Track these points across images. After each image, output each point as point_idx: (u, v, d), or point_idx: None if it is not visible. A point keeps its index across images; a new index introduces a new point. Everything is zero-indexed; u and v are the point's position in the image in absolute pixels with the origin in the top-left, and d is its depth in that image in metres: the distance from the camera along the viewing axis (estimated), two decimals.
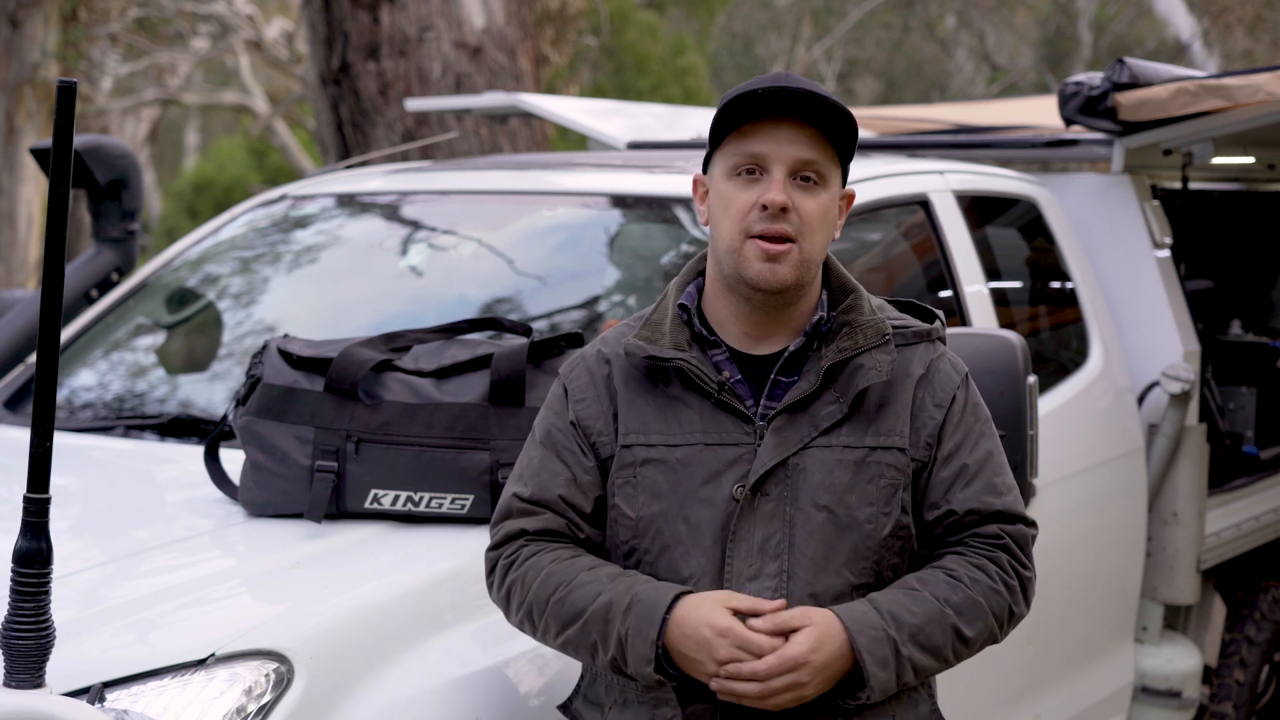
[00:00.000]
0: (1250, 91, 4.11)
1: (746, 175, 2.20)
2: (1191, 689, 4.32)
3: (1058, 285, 4.32)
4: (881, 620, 2.13)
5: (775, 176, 2.18)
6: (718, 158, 2.24)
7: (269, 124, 20.34)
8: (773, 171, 2.18)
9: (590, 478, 2.27)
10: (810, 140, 2.19)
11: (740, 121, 2.19)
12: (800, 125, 2.18)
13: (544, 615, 2.21)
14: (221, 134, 28.93)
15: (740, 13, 27.48)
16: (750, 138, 2.19)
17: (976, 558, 2.24)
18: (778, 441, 2.20)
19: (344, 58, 8.01)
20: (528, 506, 2.28)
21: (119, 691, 2.20)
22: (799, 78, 2.21)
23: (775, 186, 2.17)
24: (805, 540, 2.19)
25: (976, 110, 6.42)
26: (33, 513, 2.04)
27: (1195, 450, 4.28)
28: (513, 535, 2.28)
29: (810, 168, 2.19)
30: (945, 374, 2.29)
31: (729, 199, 2.21)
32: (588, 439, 2.28)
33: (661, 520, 2.22)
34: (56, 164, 2.00)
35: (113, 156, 4.30)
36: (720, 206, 2.22)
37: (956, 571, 2.21)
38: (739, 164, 2.20)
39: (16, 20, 12.35)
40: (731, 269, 2.21)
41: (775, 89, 2.16)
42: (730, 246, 2.20)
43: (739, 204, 2.19)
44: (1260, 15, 22.24)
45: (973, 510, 2.25)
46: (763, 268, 2.18)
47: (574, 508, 2.27)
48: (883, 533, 2.21)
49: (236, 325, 3.88)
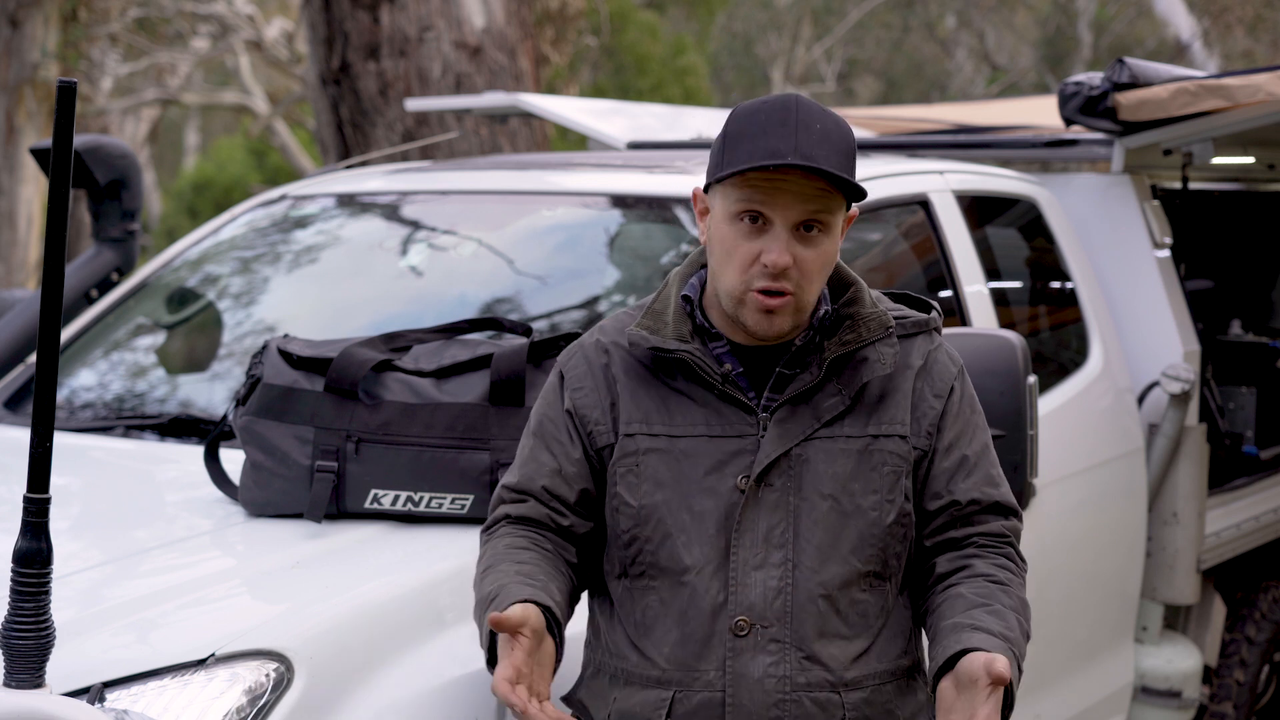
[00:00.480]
0: (1250, 91, 4.11)
1: (750, 223, 2.18)
2: (1191, 689, 4.32)
3: (1058, 285, 4.32)
4: (1004, 643, 2.14)
5: (778, 234, 2.16)
6: (719, 191, 2.21)
7: (269, 124, 20.35)
8: (775, 227, 2.16)
9: (576, 469, 2.29)
10: (817, 192, 2.16)
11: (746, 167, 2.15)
12: (808, 176, 2.15)
13: (475, 581, 2.27)
14: (221, 134, 28.93)
15: (740, 13, 27.48)
16: (755, 188, 2.16)
17: (996, 557, 2.28)
18: (781, 433, 2.21)
19: (344, 58, 8.02)
20: (513, 495, 2.33)
21: (119, 691, 2.20)
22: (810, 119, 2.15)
23: (778, 248, 2.15)
24: (810, 529, 2.21)
25: (976, 110, 6.42)
26: (33, 513, 2.03)
27: (1195, 450, 4.28)
28: (498, 520, 2.34)
29: (813, 219, 2.17)
30: (943, 365, 2.32)
31: (731, 246, 2.19)
32: (583, 427, 2.29)
33: (664, 509, 2.23)
34: (56, 164, 2.00)
35: (113, 156, 4.30)
36: (721, 249, 2.21)
37: (997, 576, 2.25)
38: (743, 211, 2.18)
39: (16, 20, 12.35)
40: (732, 310, 2.23)
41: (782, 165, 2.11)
42: (730, 292, 2.21)
43: (742, 255, 2.18)
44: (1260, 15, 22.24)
45: (974, 500, 2.29)
46: (760, 318, 2.20)
47: (557, 498, 2.30)
48: (887, 520, 2.23)
49: (236, 325, 3.88)
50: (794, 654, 2.19)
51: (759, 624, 2.19)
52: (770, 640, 2.19)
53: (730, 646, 2.20)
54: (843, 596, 2.21)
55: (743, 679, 2.19)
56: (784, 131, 2.13)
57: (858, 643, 2.23)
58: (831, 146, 2.14)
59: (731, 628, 2.19)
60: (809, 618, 2.20)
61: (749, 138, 2.15)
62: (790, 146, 2.12)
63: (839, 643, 2.21)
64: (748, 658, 2.19)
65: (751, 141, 2.14)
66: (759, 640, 2.19)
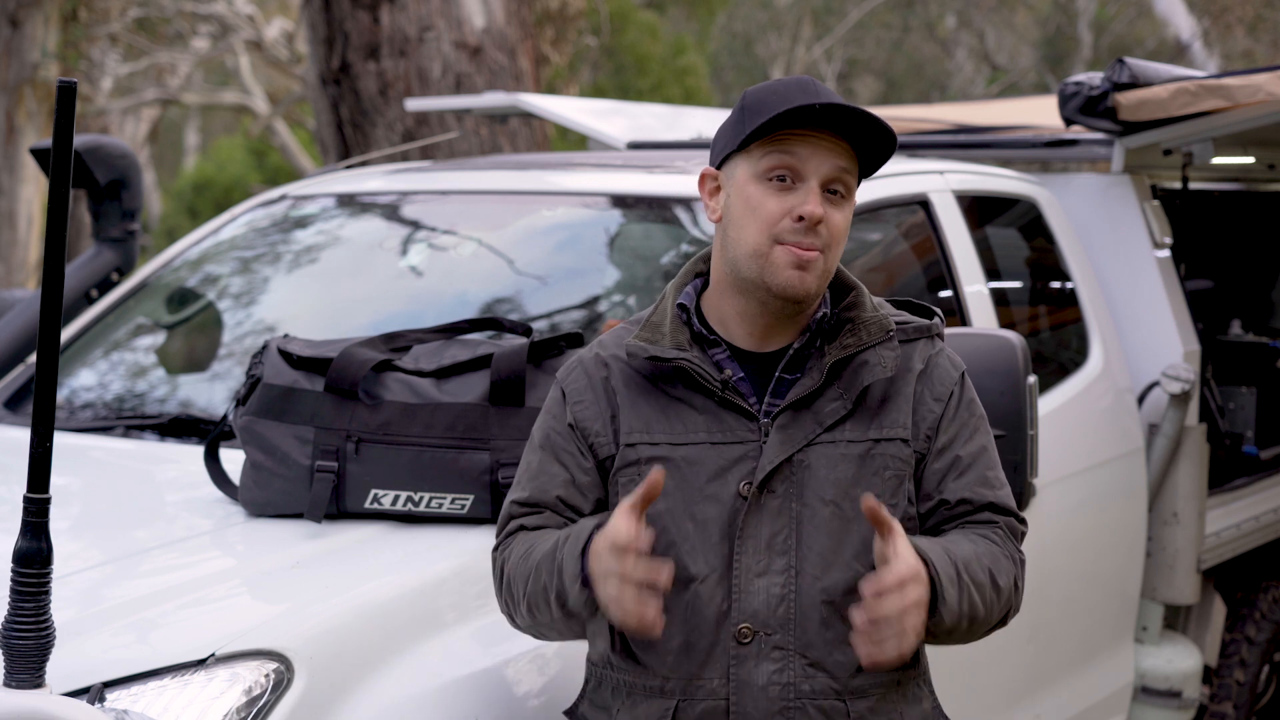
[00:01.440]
0: (1250, 91, 4.11)
1: (779, 181, 2.18)
2: (1191, 689, 4.32)
3: (1058, 285, 4.32)
4: (938, 545, 2.14)
5: (812, 188, 2.17)
6: (743, 159, 2.21)
7: (269, 124, 20.34)
8: (809, 182, 2.18)
9: (589, 479, 2.27)
10: (843, 153, 2.19)
11: (779, 127, 2.17)
12: (835, 138, 2.18)
13: (516, 578, 2.22)
14: (221, 134, 28.93)
15: (740, 13, 27.48)
16: (788, 146, 2.17)
17: (977, 530, 2.26)
18: (783, 439, 2.20)
19: (344, 58, 8.02)
20: (526, 509, 2.29)
21: (119, 691, 2.20)
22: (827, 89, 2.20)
23: (813, 199, 2.16)
24: (812, 535, 2.20)
25: (976, 110, 6.42)
26: (33, 513, 2.03)
27: (1195, 450, 4.28)
28: (512, 532, 2.30)
29: (841, 180, 2.19)
30: (944, 369, 2.30)
31: (757, 203, 2.19)
32: (585, 440, 2.28)
33: (667, 517, 2.22)
34: (56, 164, 2.00)
35: (113, 156, 4.30)
36: (744, 208, 2.20)
37: (969, 535, 2.24)
38: (773, 169, 2.18)
39: (16, 20, 12.35)
40: (754, 273, 2.20)
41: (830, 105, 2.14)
42: (755, 250, 2.19)
43: (769, 210, 2.18)
44: (1260, 15, 22.24)
45: (965, 500, 2.26)
46: (793, 275, 2.18)
47: (571, 508, 2.27)
48: None
49: (236, 325, 3.88)
50: (798, 661, 2.18)
51: (762, 631, 2.18)
52: (774, 648, 2.18)
53: (734, 654, 2.19)
54: (848, 603, 2.18)
55: (746, 687, 2.18)
56: (808, 94, 2.17)
57: None
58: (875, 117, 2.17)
59: (735, 635, 2.18)
60: (813, 624, 2.18)
61: (773, 104, 2.17)
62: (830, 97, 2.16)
63: (844, 649, 2.19)
64: (751, 665, 2.18)
65: (780, 102, 2.16)
66: (762, 648, 2.18)
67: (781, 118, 2.14)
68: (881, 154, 2.22)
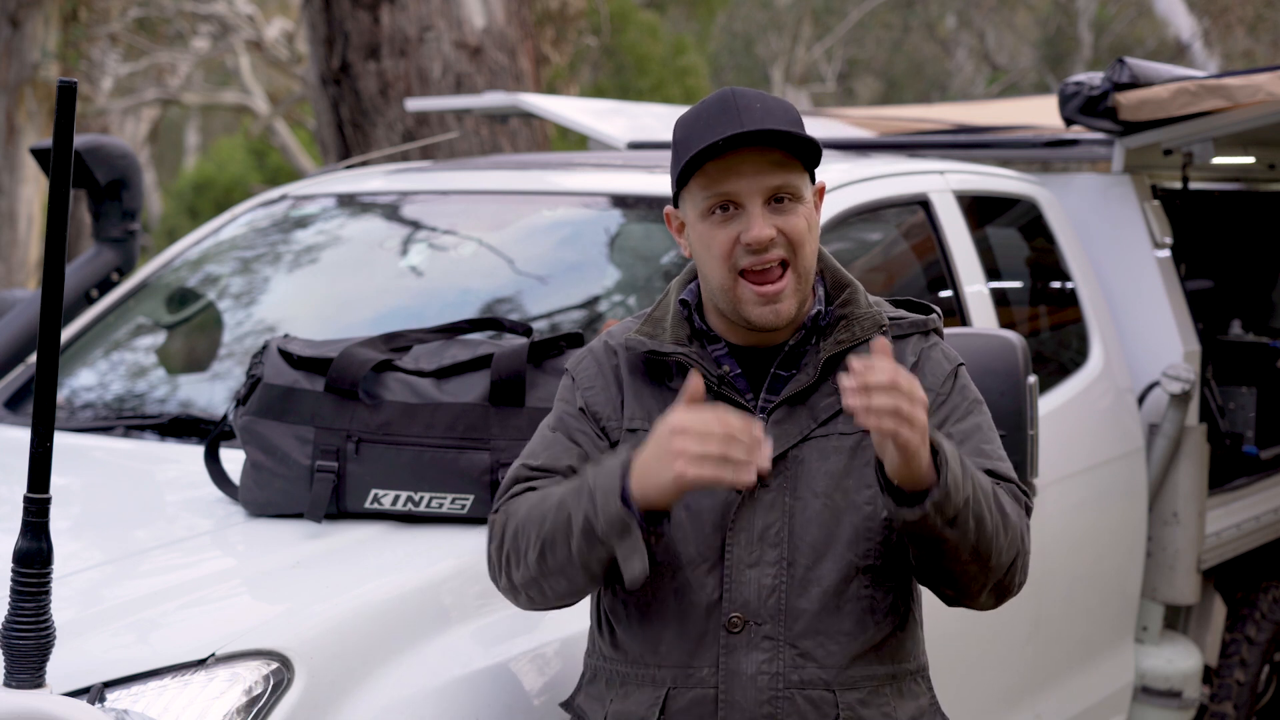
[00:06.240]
0: (1250, 91, 4.12)
1: (721, 213, 2.20)
2: (1192, 689, 4.32)
3: (1058, 285, 4.33)
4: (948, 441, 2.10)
5: (752, 211, 2.18)
6: (687, 197, 2.24)
7: (269, 124, 20.35)
8: (748, 206, 2.18)
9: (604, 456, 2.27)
10: (776, 163, 2.18)
11: (702, 162, 2.18)
12: (763, 151, 2.17)
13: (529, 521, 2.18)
14: (221, 134, 28.94)
15: (740, 13, 27.48)
16: (716, 177, 2.18)
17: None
18: (778, 434, 2.21)
19: (344, 58, 8.02)
20: (538, 473, 2.27)
21: (119, 691, 2.20)
22: (749, 101, 2.18)
23: (756, 223, 2.17)
24: (804, 527, 2.21)
25: (976, 110, 6.42)
26: (33, 513, 2.04)
27: (1195, 450, 4.28)
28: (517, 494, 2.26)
29: (782, 190, 2.19)
30: (936, 361, 2.31)
31: (709, 239, 2.20)
32: (598, 423, 2.29)
33: None
34: (56, 164, 2.00)
35: (113, 156, 4.30)
36: (700, 246, 2.23)
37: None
38: (712, 206, 2.20)
39: (16, 20, 12.35)
40: (728, 307, 2.22)
41: (734, 136, 2.13)
42: (722, 285, 2.21)
43: (720, 243, 2.19)
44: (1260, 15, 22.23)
45: None
46: (764, 311, 2.19)
47: None
48: (882, 514, 2.22)
49: (236, 325, 3.88)
50: (787, 651, 2.19)
51: (753, 621, 2.19)
52: (764, 637, 2.19)
53: (724, 643, 2.20)
54: (840, 594, 2.20)
55: (735, 676, 2.19)
56: (726, 118, 2.17)
57: (857, 642, 2.22)
58: (775, 119, 2.17)
59: (725, 624, 2.19)
60: (803, 615, 2.19)
61: (695, 136, 2.18)
62: (735, 126, 2.15)
63: (837, 640, 2.20)
64: (741, 654, 2.19)
65: (699, 136, 2.17)
66: (752, 637, 2.19)
67: (703, 152, 2.15)
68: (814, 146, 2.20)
